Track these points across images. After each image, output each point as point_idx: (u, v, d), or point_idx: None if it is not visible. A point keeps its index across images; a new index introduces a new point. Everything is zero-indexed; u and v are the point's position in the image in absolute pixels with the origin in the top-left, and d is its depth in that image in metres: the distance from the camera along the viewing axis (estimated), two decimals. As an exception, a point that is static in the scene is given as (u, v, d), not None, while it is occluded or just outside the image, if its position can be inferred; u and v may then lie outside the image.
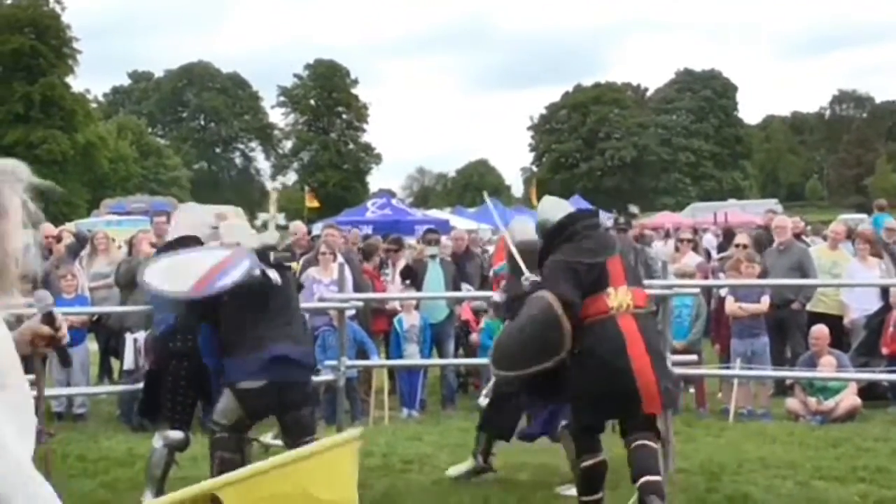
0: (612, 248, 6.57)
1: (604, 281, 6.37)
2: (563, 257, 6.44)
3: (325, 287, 10.36)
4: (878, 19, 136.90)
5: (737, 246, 11.79)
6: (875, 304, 11.41)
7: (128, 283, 10.47)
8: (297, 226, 14.36)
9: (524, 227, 7.63)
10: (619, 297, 6.32)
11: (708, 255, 16.96)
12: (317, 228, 16.38)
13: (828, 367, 10.11)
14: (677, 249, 13.73)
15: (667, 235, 22.19)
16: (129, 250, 11.87)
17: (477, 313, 12.13)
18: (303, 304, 8.33)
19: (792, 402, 10.49)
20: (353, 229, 18.57)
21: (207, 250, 6.98)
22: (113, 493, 7.55)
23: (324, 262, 10.99)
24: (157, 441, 7.12)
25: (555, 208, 6.89)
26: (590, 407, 6.40)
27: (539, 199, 8.64)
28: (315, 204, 32.57)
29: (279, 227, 16.84)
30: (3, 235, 2.22)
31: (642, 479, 6.17)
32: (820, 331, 10.52)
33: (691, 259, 12.95)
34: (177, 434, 7.05)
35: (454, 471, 7.70)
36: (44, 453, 2.58)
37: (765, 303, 10.70)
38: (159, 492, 6.86)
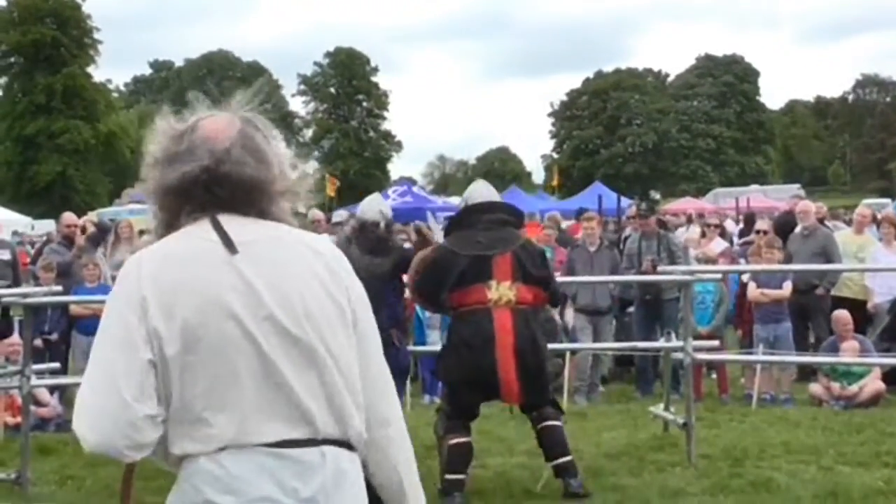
0: (507, 244, 6.81)
1: (486, 273, 6.66)
2: (445, 246, 6.93)
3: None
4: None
5: (757, 232, 11.75)
6: (899, 289, 11.35)
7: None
8: (315, 213, 14.36)
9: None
10: (500, 290, 6.62)
11: (730, 240, 16.90)
12: (338, 216, 16.33)
13: (851, 351, 10.05)
14: (704, 235, 13.65)
15: (689, 221, 22.11)
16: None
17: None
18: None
19: (815, 388, 10.44)
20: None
21: None
22: (137, 480, 7.53)
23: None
24: None
25: (474, 193, 7.18)
26: (457, 391, 6.77)
27: (562, 185, 8.78)
28: (331, 193, 32.53)
29: (298, 215, 16.80)
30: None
31: (558, 461, 6.65)
32: (842, 315, 10.46)
33: (718, 245, 12.92)
34: None
35: None
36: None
37: (787, 288, 10.64)
38: None
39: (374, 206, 7.65)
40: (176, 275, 2.24)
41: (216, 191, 2.33)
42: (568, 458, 6.73)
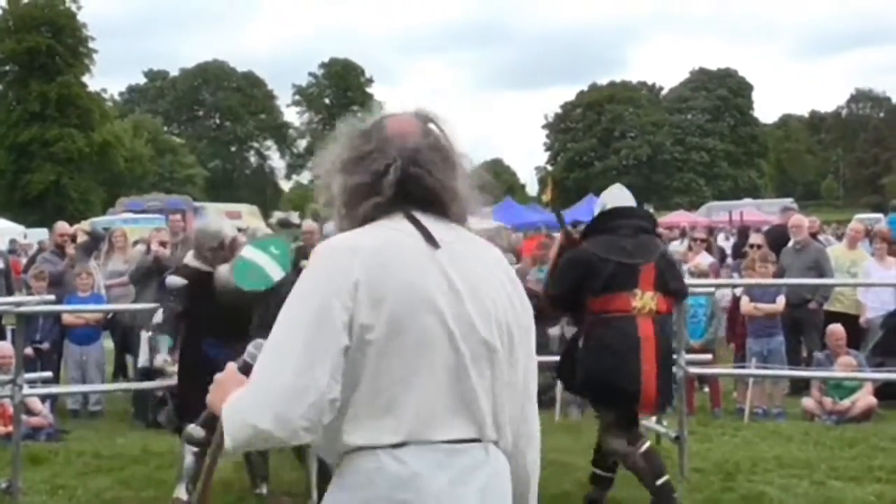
0: (651, 255, 6.70)
1: (633, 282, 6.54)
2: (590, 248, 6.64)
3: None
4: (894, 18, 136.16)
5: (751, 246, 11.76)
6: (892, 304, 11.36)
7: (140, 280, 10.52)
8: (309, 224, 14.34)
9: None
10: (644, 299, 6.52)
11: (722, 254, 16.89)
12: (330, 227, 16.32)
13: (847, 367, 10.07)
14: (690, 249, 13.66)
15: (682, 234, 22.13)
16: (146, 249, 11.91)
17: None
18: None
19: (807, 402, 10.44)
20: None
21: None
22: (128, 490, 7.56)
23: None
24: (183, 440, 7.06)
25: (613, 197, 7.01)
26: (592, 392, 6.74)
27: (556, 198, 8.81)
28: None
29: (291, 225, 16.83)
30: None
31: (660, 481, 6.45)
32: (836, 330, 10.47)
33: (704, 259, 12.92)
34: (198, 431, 6.89)
35: None
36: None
37: (780, 303, 10.65)
38: (192, 487, 6.86)
39: None
40: (388, 264, 2.27)
41: (409, 188, 2.37)
42: (666, 476, 6.56)
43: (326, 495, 2.35)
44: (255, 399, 2.22)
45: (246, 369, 2.42)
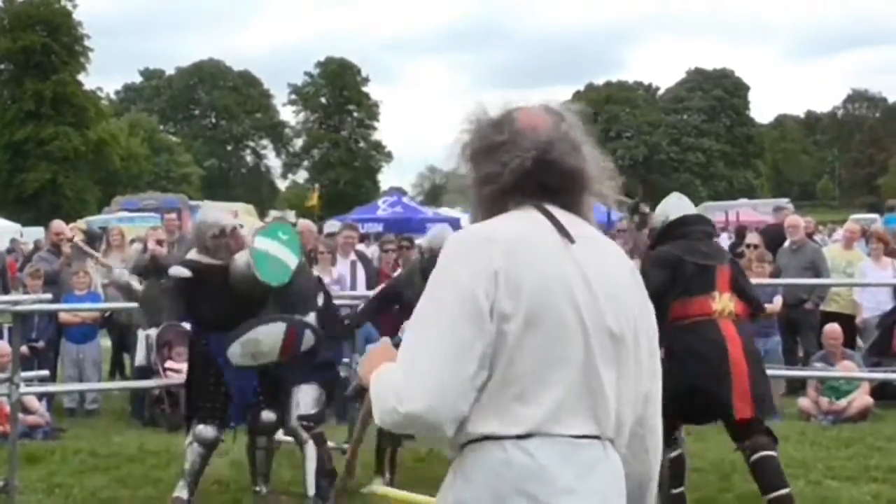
0: (724, 257, 6.75)
1: (711, 284, 6.46)
2: (673, 250, 6.55)
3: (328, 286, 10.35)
4: (890, 19, 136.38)
5: (748, 246, 11.75)
6: (888, 304, 11.39)
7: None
8: (304, 223, 14.33)
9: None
10: (723, 301, 6.42)
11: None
12: (330, 226, 16.30)
13: (847, 369, 10.09)
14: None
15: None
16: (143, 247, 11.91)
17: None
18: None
19: (804, 402, 10.46)
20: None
21: (265, 325, 6.75)
22: (125, 489, 7.57)
23: (323, 263, 10.87)
24: (189, 437, 7.06)
25: (676, 205, 6.98)
26: (682, 404, 6.15)
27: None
28: (314, 202, 32.37)
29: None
30: None
31: (773, 495, 6.20)
32: (834, 331, 10.48)
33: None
34: (208, 431, 6.91)
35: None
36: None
37: (777, 303, 10.66)
38: (193, 487, 6.87)
39: (427, 235, 7.88)
40: (525, 254, 2.27)
41: (544, 180, 2.37)
42: (785, 490, 6.29)
43: (448, 487, 2.33)
44: (406, 385, 2.20)
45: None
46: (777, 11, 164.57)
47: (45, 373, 9.14)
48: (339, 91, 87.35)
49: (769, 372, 10.15)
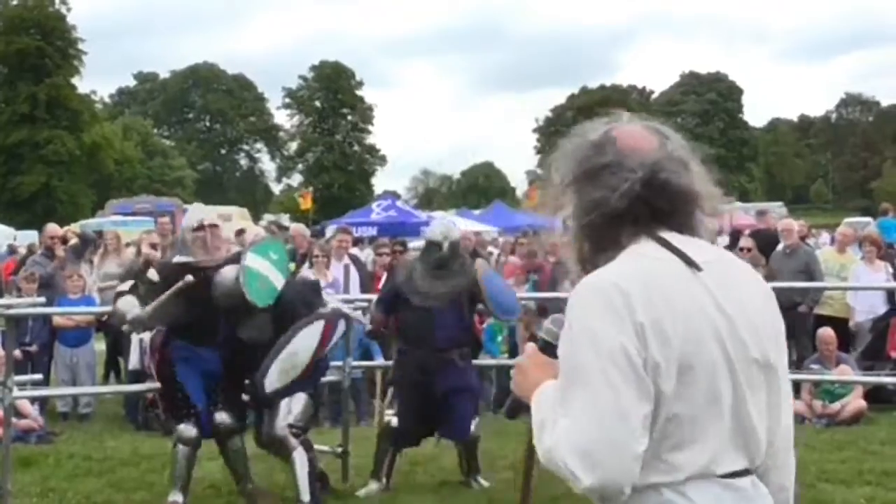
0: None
1: None
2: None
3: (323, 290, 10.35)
4: (884, 22, 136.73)
5: (741, 249, 11.75)
6: (881, 308, 11.40)
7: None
8: (297, 227, 14.36)
9: None
10: None
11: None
12: (329, 230, 16.33)
13: (842, 373, 10.09)
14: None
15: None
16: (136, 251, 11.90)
17: (481, 314, 12.12)
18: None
19: (798, 405, 10.45)
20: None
21: (303, 329, 6.77)
22: (119, 493, 7.55)
23: (318, 267, 10.85)
24: (173, 440, 7.07)
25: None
26: None
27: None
28: (307, 206, 32.40)
29: (281, 228, 16.87)
30: None
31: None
32: (828, 335, 10.47)
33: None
34: (189, 430, 6.94)
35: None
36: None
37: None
38: (185, 490, 6.87)
39: (436, 228, 7.80)
40: (663, 299, 2.13)
41: (655, 203, 2.24)
42: None
43: None
44: (578, 456, 2.07)
45: (545, 348, 2.36)
46: (770, 15, 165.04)
47: (39, 376, 9.12)
48: (333, 94, 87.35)
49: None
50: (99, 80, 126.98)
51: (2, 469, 7.09)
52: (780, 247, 11.91)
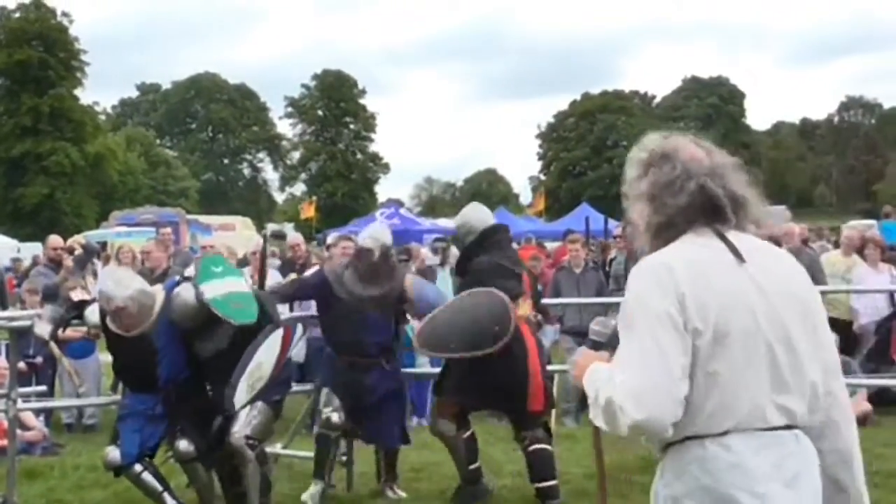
0: (522, 264, 7.44)
1: (520, 290, 7.04)
2: (497, 260, 7.07)
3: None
4: (885, 25, 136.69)
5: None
6: (885, 310, 11.39)
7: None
8: (295, 236, 14.33)
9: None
10: (524, 307, 7.05)
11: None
12: (331, 238, 16.29)
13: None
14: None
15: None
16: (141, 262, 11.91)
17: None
18: (305, 312, 8.49)
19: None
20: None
21: (264, 340, 6.58)
22: (124, 504, 7.55)
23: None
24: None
25: (481, 216, 7.37)
26: (487, 392, 7.01)
27: (548, 207, 9.18)
28: (310, 214, 32.34)
29: (278, 237, 16.87)
30: None
31: (542, 485, 6.96)
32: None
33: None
34: (184, 445, 6.85)
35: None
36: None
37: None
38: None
39: (368, 233, 7.68)
40: (705, 276, 2.63)
41: (712, 204, 2.73)
42: (553, 481, 7.01)
43: (659, 484, 2.71)
44: (627, 399, 2.54)
45: (596, 347, 2.93)
46: (772, 19, 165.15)
47: (43, 388, 9.12)
48: (335, 103, 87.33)
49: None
50: (101, 91, 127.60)
51: (7, 481, 7.10)
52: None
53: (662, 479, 2.70)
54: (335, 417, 7.40)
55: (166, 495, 6.93)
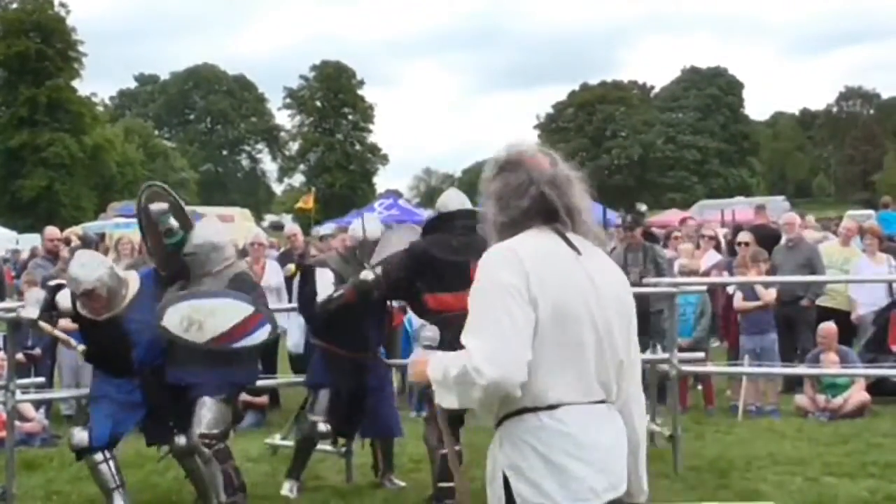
0: (478, 253, 6.98)
1: (465, 280, 6.64)
2: (422, 244, 7.00)
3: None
4: (884, 15, 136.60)
5: (739, 244, 11.74)
6: (883, 300, 11.39)
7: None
8: (292, 227, 14.31)
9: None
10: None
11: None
12: (326, 228, 16.26)
13: (831, 364, 10.06)
14: (698, 247, 13.46)
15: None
16: (131, 251, 11.86)
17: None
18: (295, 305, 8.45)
19: (801, 399, 10.46)
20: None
21: (234, 300, 6.61)
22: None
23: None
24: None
25: (452, 200, 7.28)
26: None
27: None
28: (309, 205, 32.26)
29: (276, 228, 16.85)
30: None
31: (442, 484, 6.64)
32: (828, 329, 10.45)
33: (712, 258, 12.87)
34: (180, 439, 6.82)
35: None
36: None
37: (771, 294, 10.63)
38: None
39: (358, 225, 7.67)
40: (546, 260, 2.93)
41: (552, 207, 3.03)
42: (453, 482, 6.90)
43: (498, 452, 2.96)
44: (481, 361, 2.79)
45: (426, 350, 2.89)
46: (771, 9, 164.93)
47: (42, 380, 9.11)
48: (334, 94, 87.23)
49: (766, 369, 10.23)
50: (99, 82, 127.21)
51: (6, 472, 7.10)
52: (782, 241, 11.90)
53: (502, 448, 2.95)
54: (322, 427, 7.38)
55: (116, 494, 6.78)
